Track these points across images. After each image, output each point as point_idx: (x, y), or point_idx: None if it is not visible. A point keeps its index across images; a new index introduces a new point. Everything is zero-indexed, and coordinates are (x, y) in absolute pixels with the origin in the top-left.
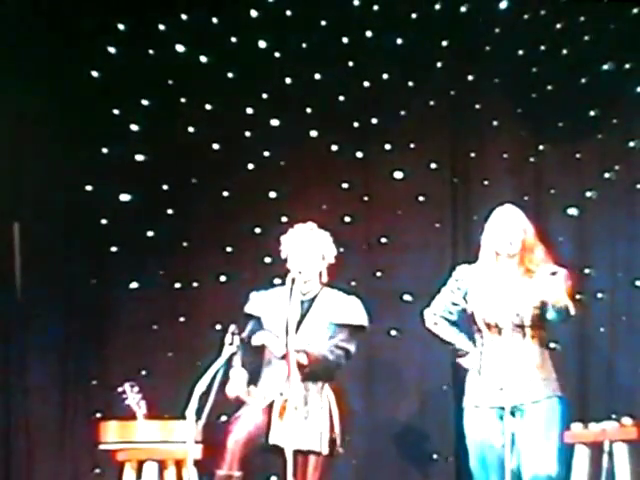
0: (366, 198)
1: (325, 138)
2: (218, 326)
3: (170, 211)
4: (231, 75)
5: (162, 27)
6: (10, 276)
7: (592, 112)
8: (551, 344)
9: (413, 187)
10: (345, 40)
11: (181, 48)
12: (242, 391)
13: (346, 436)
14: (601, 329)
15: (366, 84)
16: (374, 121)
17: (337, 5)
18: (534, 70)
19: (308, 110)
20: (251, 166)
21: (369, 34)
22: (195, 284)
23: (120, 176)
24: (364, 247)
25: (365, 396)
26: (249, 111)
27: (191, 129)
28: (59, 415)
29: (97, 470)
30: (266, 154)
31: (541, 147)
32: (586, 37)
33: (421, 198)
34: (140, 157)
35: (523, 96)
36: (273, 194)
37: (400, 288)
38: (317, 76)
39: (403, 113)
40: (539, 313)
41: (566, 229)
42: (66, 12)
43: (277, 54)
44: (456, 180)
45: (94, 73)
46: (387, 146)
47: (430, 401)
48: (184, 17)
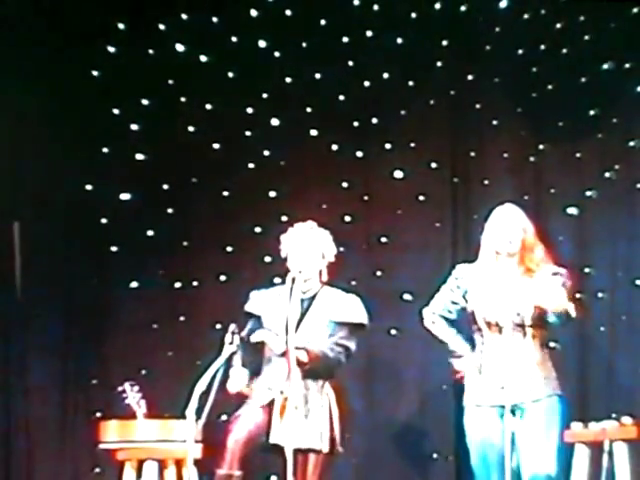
0: (366, 197)
1: (325, 137)
2: (218, 325)
3: (170, 210)
4: (231, 75)
5: (162, 27)
6: (10, 276)
7: (592, 111)
8: (551, 343)
9: (413, 186)
10: (345, 40)
11: (181, 48)
12: (243, 386)
13: (346, 435)
14: (601, 328)
15: (366, 84)
16: (374, 120)
17: (337, 5)
18: (534, 70)
19: (308, 110)
20: (251, 165)
21: (369, 34)
22: (195, 283)
23: (120, 176)
24: (364, 247)
25: (365, 395)
26: (249, 110)
27: (191, 129)
28: (59, 415)
29: (97, 469)
30: (266, 153)
31: (541, 146)
32: (586, 36)
33: (421, 197)
34: (140, 156)
35: (523, 96)
36: (273, 193)
37: (400, 287)
38: (317, 76)
39: (403, 113)
40: (539, 312)
41: (566, 228)
42: (66, 12)
43: (277, 54)
44: (456, 180)
45: (94, 73)
46: (387, 145)
47: (430, 400)
48: (184, 17)
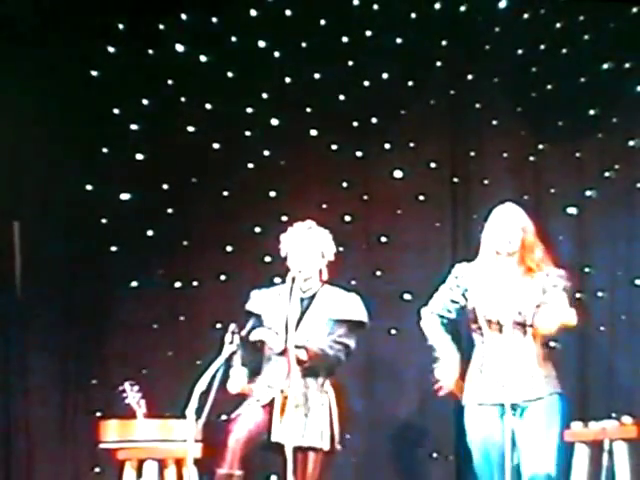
0: (366, 197)
1: (325, 137)
2: (218, 325)
3: (170, 210)
4: (231, 75)
5: (162, 27)
6: (10, 276)
7: (592, 111)
8: (551, 343)
9: (413, 186)
10: (345, 39)
11: (181, 48)
12: (244, 386)
13: (345, 434)
14: (601, 328)
15: (366, 83)
16: (374, 120)
17: (337, 5)
18: (534, 69)
19: (308, 109)
20: (251, 165)
21: (369, 33)
22: (195, 283)
23: (120, 175)
24: (364, 246)
25: (365, 395)
26: (249, 110)
27: (191, 129)
28: (59, 415)
29: (97, 469)
30: (266, 153)
31: (541, 146)
32: (586, 36)
33: (421, 197)
34: (140, 156)
35: (523, 95)
36: (273, 193)
37: (400, 287)
38: (317, 75)
39: (403, 112)
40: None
41: (566, 228)
42: (66, 12)
43: (277, 54)
44: (456, 179)
45: (94, 73)
46: (387, 145)
47: (430, 400)
48: (184, 17)
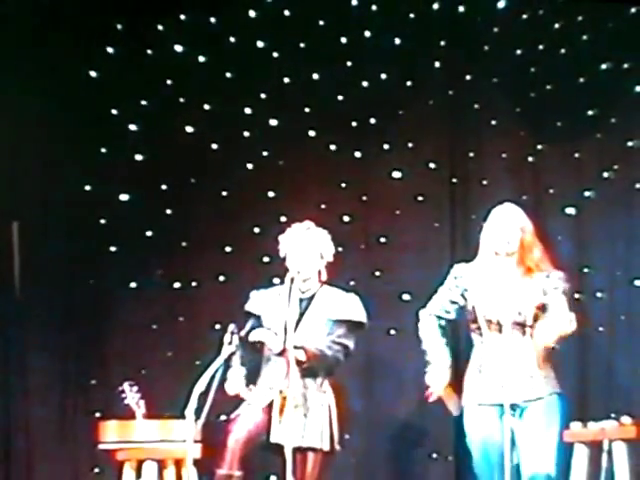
0: (365, 198)
1: (324, 138)
2: (217, 326)
3: (169, 211)
4: (229, 75)
5: (160, 27)
6: (9, 276)
7: (591, 111)
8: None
9: (412, 187)
10: (343, 40)
11: (179, 48)
12: (242, 389)
13: (345, 434)
14: (600, 328)
15: (364, 84)
16: (372, 121)
17: (335, 5)
18: (533, 70)
19: (306, 110)
20: (250, 166)
21: (367, 34)
22: (194, 284)
23: (119, 176)
24: (363, 247)
25: (364, 395)
26: (247, 111)
27: (190, 129)
28: (58, 415)
29: (96, 469)
30: (265, 154)
31: (540, 147)
32: (584, 37)
33: (420, 198)
34: (139, 157)
35: (522, 96)
36: (272, 194)
37: (399, 287)
38: (315, 76)
39: (401, 113)
40: (540, 313)
41: (565, 228)
42: (65, 12)
43: (275, 54)
44: (455, 180)
45: (93, 73)
46: (385, 146)
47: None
48: (182, 17)
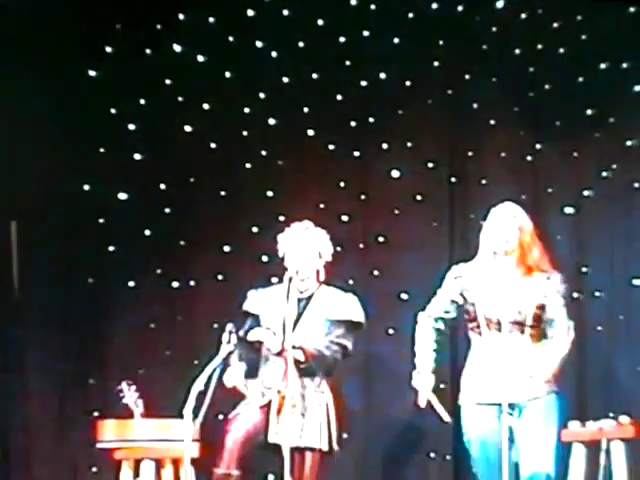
0: (363, 197)
1: (322, 137)
2: (215, 325)
3: (168, 210)
4: (228, 75)
5: (159, 27)
6: (7, 276)
7: (590, 111)
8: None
9: (410, 186)
10: (342, 39)
11: (178, 48)
12: (240, 383)
13: (343, 434)
14: (598, 328)
15: (363, 83)
16: (371, 120)
17: (334, 5)
18: (531, 69)
19: (305, 109)
20: (248, 165)
21: (366, 33)
22: (192, 283)
23: (118, 175)
24: (361, 246)
25: (363, 395)
26: (246, 110)
27: (189, 128)
28: (56, 414)
29: (95, 469)
30: (264, 153)
31: (539, 146)
32: (583, 36)
33: (418, 197)
34: (138, 156)
35: (520, 95)
36: (270, 193)
37: (397, 287)
38: (314, 75)
39: (400, 112)
40: (540, 313)
41: (563, 228)
42: (64, 12)
43: (274, 54)
44: (453, 179)
45: (92, 73)
46: (384, 145)
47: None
48: (181, 17)
